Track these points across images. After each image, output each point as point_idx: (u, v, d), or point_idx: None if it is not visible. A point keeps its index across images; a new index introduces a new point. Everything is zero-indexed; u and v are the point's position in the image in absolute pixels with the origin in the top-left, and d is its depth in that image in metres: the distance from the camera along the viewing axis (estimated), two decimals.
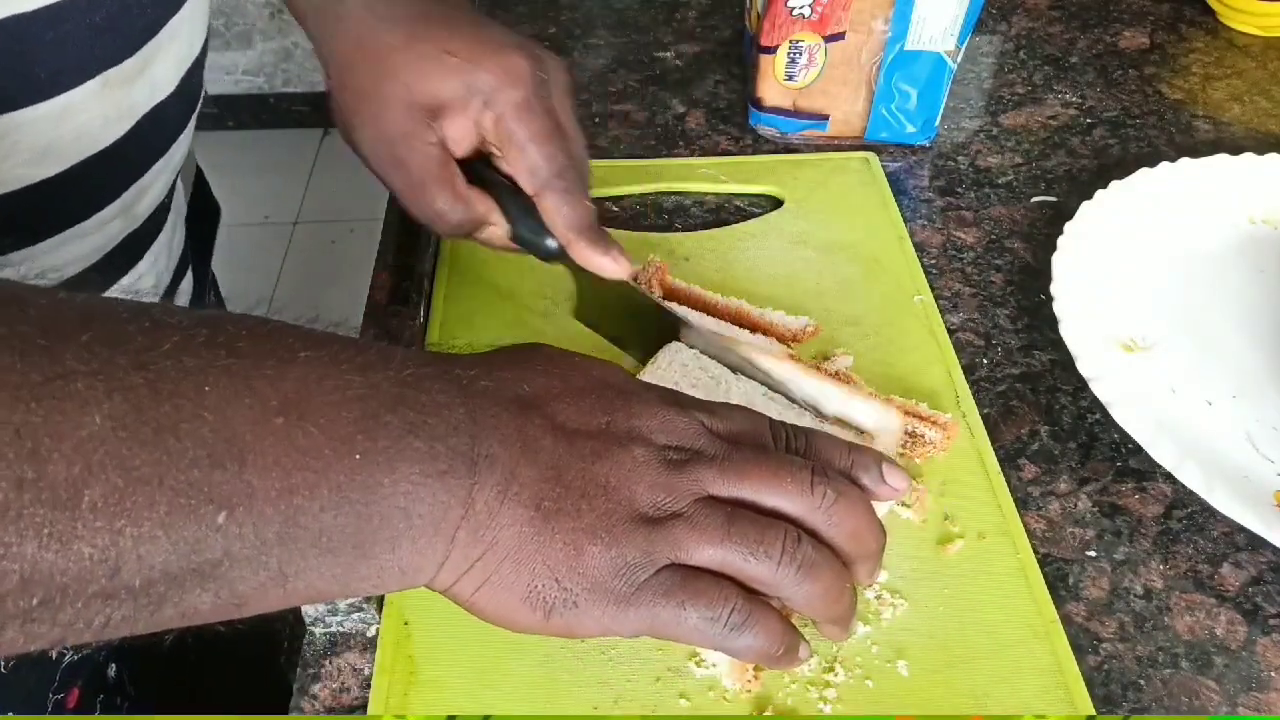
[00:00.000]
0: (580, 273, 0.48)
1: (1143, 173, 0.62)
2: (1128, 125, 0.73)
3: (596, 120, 0.73)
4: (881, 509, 0.40)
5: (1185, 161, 0.63)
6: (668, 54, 0.80)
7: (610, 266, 0.47)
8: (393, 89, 0.47)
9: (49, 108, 0.41)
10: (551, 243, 0.48)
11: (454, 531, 0.32)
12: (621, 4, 0.86)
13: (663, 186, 0.67)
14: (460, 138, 0.48)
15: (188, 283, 0.62)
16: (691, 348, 0.51)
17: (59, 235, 0.46)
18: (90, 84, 0.42)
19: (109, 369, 0.27)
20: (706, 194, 0.67)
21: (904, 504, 0.47)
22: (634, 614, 0.34)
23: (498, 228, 0.49)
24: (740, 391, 0.49)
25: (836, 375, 0.50)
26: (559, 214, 0.46)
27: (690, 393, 0.42)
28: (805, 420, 0.48)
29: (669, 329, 0.52)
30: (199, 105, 0.54)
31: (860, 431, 0.48)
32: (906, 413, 0.49)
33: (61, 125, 0.42)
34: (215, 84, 2.41)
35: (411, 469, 0.31)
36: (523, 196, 0.48)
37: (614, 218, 0.65)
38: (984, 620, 0.43)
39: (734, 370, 0.50)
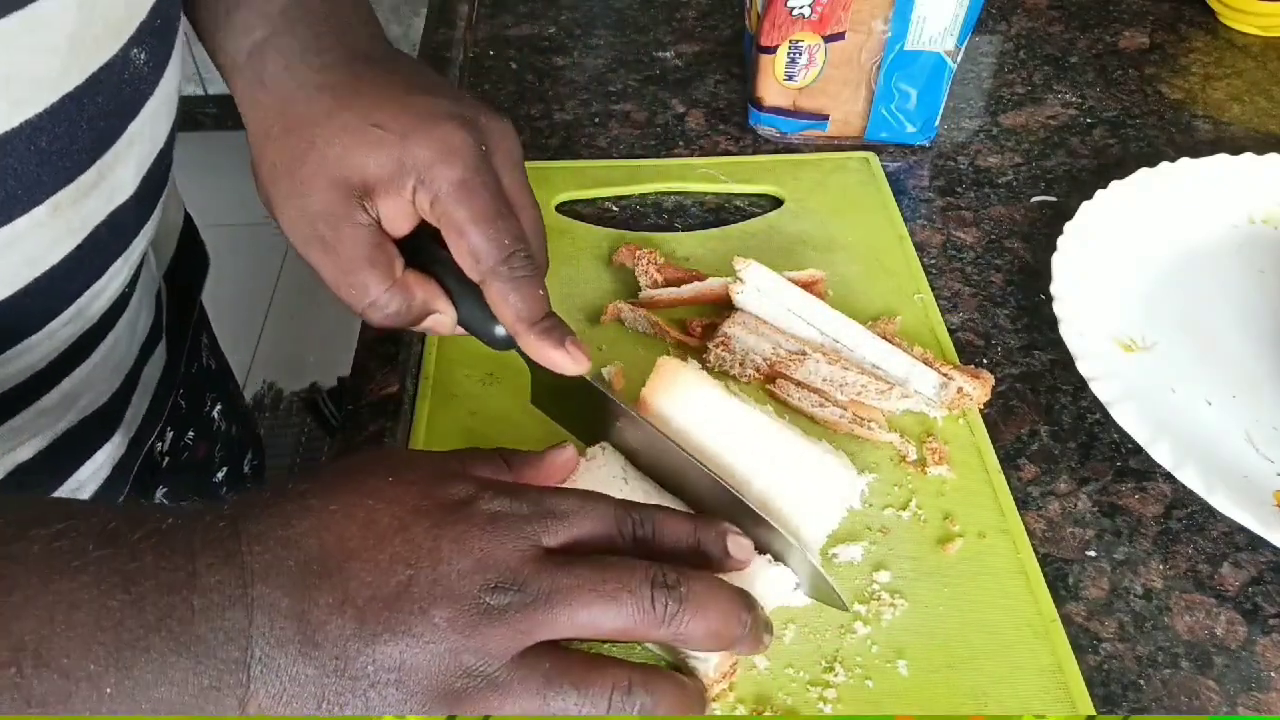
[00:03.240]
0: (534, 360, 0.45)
1: (1143, 173, 0.62)
2: (1128, 125, 0.73)
3: (596, 120, 0.73)
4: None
5: (1185, 161, 0.63)
6: (668, 54, 0.80)
7: (565, 362, 0.42)
8: (316, 164, 0.41)
9: None
10: (501, 330, 0.43)
11: None
12: (621, 4, 0.86)
13: (663, 186, 0.67)
14: (396, 217, 0.43)
15: (159, 354, 0.58)
16: (620, 448, 0.46)
17: (4, 354, 0.42)
18: (38, 210, 0.38)
19: None
20: (706, 194, 0.67)
21: (903, 506, 0.47)
22: None
23: (444, 317, 0.44)
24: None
25: (891, 339, 0.53)
26: (506, 305, 0.41)
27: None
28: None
29: (622, 424, 0.45)
30: (164, 193, 0.50)
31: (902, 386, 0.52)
32: (946, 370, 0.52)
33: (6, 254, 0.38)
34: (216, 84, 2.41)
35: (173, 690, 0.30)
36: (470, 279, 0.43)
37: (614, 218, 0.65)
38: (984, 620, 0.43)
39: (666, 476, 0.45)
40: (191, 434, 0.67)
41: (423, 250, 0.44)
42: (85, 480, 0.51)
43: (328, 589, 0.32)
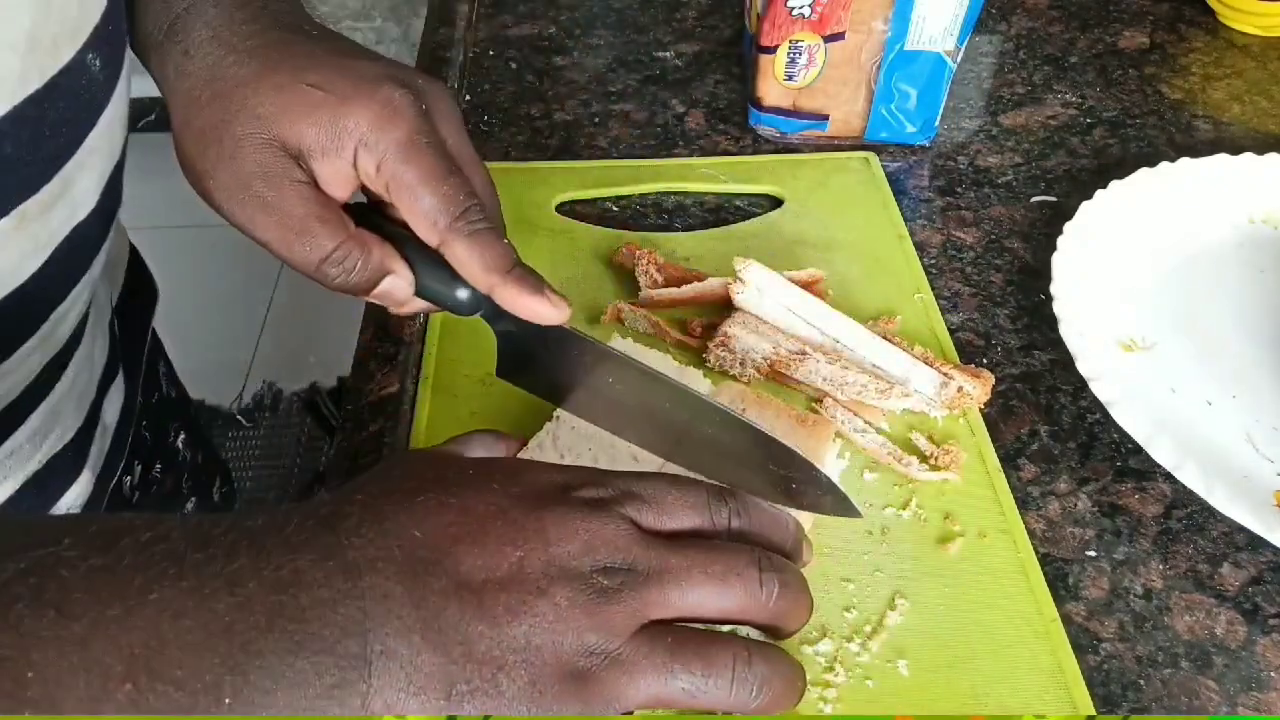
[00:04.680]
0: (502, 325, 0.43)
1: (1143, 173, 0.62)
2: (1128, 125, 0.73)
3: (596, 120, 0.73)
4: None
5: (1185, 161, 0.63)
6: (668, 54, 0.80)
7: (547, 310, 0.40)
8: (248, 124, 0.40)
9: None
10: (464, 293, 0.42)
11: None
12: (621, 4, 0.86)
13: (662, 186, 0.67)
14: (334, 181, 0.41)
15: (118, 387, 0.57)
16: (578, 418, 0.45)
17: None
18: (5, 221, 0.37)
19: None
20: (706, 194, 0.67)
21: (903, 505, 0.47)
22: None
23: (401, 279, 0.42)
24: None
25: (891, 339, 0.53)
26: (473, 260, 0.40)
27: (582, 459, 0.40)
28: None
29: (612, 373, 0.43)
30: (118, 211, 0.48)
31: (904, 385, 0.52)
32: (946, 369, 0.52)
33: None
34: None
35: (294, 694, 0.28)
36: (425, 245, 0.42)
37: (614, 217, 0.65)
38: (984, 620, 0.43)
39: (664, 422, 0.43)
40: (159, 467, 0.66)
41: (369, 221, 0.42)
42: None
43: (439, 574, 0.31)
